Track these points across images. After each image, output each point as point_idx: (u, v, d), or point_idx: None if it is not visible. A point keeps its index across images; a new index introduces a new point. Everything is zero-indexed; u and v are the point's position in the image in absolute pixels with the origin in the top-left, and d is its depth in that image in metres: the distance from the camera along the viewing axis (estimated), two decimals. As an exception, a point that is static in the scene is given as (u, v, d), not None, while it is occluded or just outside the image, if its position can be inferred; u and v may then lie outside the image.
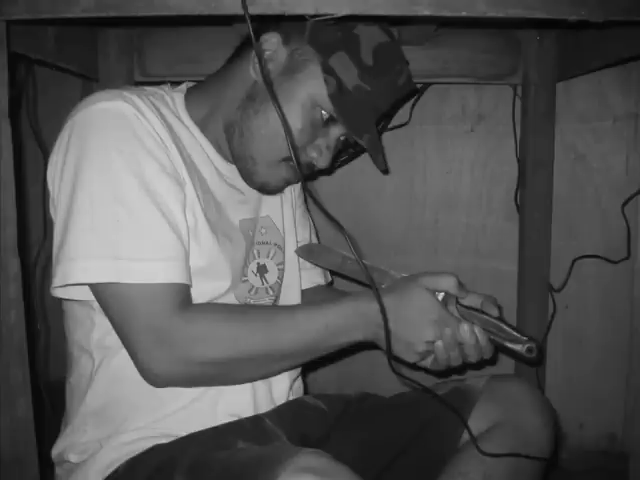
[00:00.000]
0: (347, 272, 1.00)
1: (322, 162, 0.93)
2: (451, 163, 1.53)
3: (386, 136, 1.49)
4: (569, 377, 1.54)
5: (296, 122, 0.87)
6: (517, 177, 1.47)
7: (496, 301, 0.90)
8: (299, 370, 1.04)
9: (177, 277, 0.78)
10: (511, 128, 1.48)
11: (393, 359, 0.84)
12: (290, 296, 1.04)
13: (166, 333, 0.77)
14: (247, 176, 0.94)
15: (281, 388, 0.97)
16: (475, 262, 1.54)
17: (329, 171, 1.47)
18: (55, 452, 0.90)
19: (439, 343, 0.85)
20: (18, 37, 0.88)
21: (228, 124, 0.92)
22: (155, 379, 0.80)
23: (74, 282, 0.77)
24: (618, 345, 1.49)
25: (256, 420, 0.91)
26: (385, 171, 1.45)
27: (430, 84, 1.48)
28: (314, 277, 1.15)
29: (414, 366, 0.90)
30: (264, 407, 0.94)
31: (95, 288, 0.79)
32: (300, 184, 1.12)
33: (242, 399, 0.91)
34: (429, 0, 0.72)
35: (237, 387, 0.89)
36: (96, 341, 0.86)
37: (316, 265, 1.12)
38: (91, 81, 1.36)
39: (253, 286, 0.96)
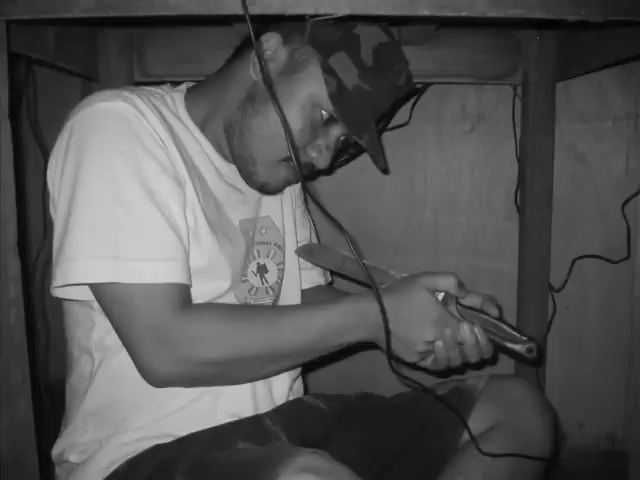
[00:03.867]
0: (347, 272, 1.00)
1: (322, 162, 0.93)
2: (451, 163, 1.53)
3: (386, 136, 1.49)
4: (569, 377, 1.54)
5: (296, 122, 0.87)
6: (517, 177, 1.48)
7: (496, 301, 0.90)
8: (299, 370, 1.04)
9: (177, 277, 0.78)
10: (511, 128, 1.48)
11: (393, 359, 0.84)
12: (290, 296, 1.04)
13: (166, 333, 0.77)
14: (247, 176, 0.93)
15: (281, 388, 0.97)
16: (475, 262, 1.54)
17: (329, 171, 1.46)
18: (55, 452, 0.90)
19: (439, 343, 0.85)
20: (18, 37, 0.88)
21: (228, 124, 0.92)
22: (155, 379, 0.80)
23: (74, 282, 0.77)
24: (618, 345, 1.49)
25: (256, 420, 0.91)
26: (385, 171, 1.46)
27: (430, 84, 1.48)
28: (314, 277, 1.15)
29: (414, 366, 0.90)
30: (264, 407, 0.94)
31: (95, 288, 0.79)
32: (300, 184, 1.11)
33: (242, 399, 0.91)
34: (429, 0, 0.72)
35: (237, 387, 0.89)
36: (96, 341, 0.86)
37: (316, 265, 1.12)
38: (91, 81, 1.36)
39: (253, 286, 0.96)
